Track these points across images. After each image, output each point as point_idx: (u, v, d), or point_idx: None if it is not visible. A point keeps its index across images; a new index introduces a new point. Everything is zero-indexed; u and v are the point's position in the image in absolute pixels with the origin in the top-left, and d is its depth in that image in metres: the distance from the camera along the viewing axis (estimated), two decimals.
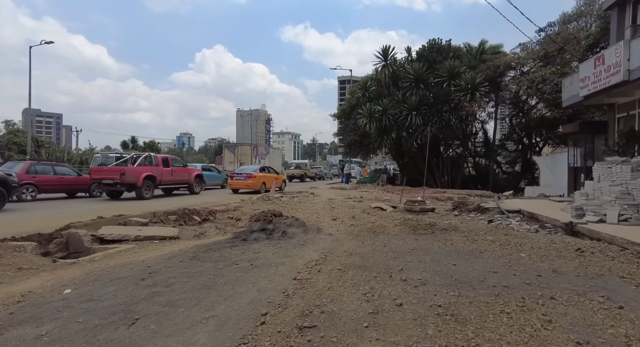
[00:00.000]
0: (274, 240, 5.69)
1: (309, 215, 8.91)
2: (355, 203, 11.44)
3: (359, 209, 10.13)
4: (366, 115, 19.58)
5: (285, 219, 7.08)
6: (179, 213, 8.12)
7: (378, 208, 10.65)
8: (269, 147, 26.13)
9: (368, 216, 9.04)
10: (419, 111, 19.29)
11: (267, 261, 4.36)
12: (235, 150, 22.70)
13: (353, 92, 23.32)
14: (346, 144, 23.35)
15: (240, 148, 22.83)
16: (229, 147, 23.16)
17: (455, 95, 18.65)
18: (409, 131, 19.64)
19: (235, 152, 22.65)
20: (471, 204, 10.46)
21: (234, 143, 22.92)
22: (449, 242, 5.43)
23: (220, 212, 9.43)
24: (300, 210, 9.72)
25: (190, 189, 14.46)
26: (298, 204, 11.03)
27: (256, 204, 11.27)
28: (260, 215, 7.89)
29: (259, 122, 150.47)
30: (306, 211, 9.64)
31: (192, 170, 14.49)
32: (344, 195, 14.06)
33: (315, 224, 7.51)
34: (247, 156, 22.26)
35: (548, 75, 15.88)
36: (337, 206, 10.48)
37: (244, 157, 22.06)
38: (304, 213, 9.24)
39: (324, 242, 5.60)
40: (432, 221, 7.37)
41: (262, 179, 14.99)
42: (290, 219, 7.13)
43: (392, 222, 7.36)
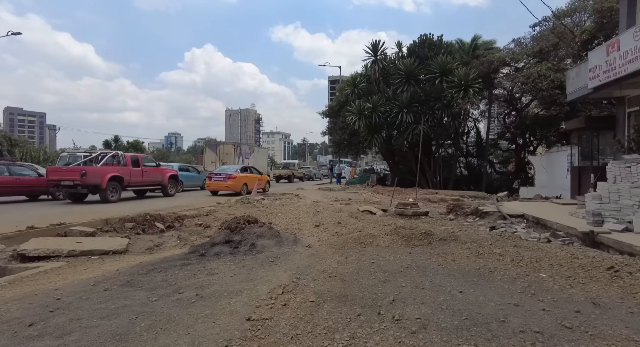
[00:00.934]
0: (238, 255, 4.70)
1: (289, 221, 7.94)
2: (342, 206, 10.51)
3: (346, 213, 9.20)
4: (355, 113, 18.68)
5: (258, 228, 6.09)
6: (139, 220, 7.05)
7: (367, 212, 9.74)
8: (253, 146, 24.89)
9: (356, 221, 8.11)
10: (410, 108, 18.47)
11: (221, 287, 3.37)
12: (217, 150, 21.48)
13: (342, 89, 22.40)
14: (335, 143, 22.42)
15: (223, 147, 21.61)
16: (210, 146, 21.89)
17: (448, 92, 17.89)
18: (400, 129, 18.80)
19: (217, 151, 21.43)
20: (467, 207, 9.62)
21: (216, 142, 21.67)
22: (449, 256, 4.51)
23: (190, 218, 8.38)
24: (281, 215, 8.74)
25: (163, 191, 13.31)
26: (280, 207, 10.04)
27: (233, 207, 10.25)
28: (231, 222, 6.89)
29: (248, 121, 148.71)
30: (287, 215, 8.67)
31: (165, 171, 13.35)
32: (331, 197, 13.13)
33: (293, 233, 6.54)
34: (229, 156, 21.09)
35: (544, 71, 15.21)
36: (322, 210, 9.53)
37: (226, 157, 20.86)
38: (284, 218, 8.27)
39: (299, 257, 4.63)
40: (427, 228, 6.46)
41: (244, 179, 13.94)
42: (262, 227, 6.14)
43: (382, 230, 6.42)
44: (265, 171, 25.24)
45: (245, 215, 7.46)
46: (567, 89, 9.49)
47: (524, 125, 18.02)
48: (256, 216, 8.34)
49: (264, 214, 8.79)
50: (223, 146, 21.70)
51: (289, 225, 7.41)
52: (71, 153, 13.66)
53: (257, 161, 24.08)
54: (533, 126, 17.97)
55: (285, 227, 7.16)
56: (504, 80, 18.70)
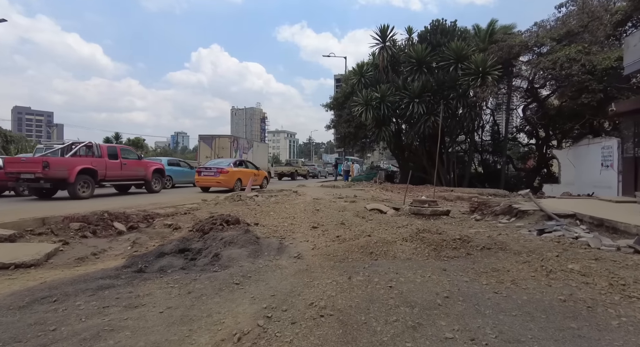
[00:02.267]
0: (192, 272, 3.24)
1: (281, 221, 6.49)
2: (346, 204, 9.02)
3: (351, 212, 7.72)
4: (362, 103, 17.16)
5: (231, 231, 4.63)
6: (92, 219, 5.64)
7: (376, 210, 8.25)
8: (252, 140, 23.41)
9: (363, 221, 6.64)
10: (421, 99, 16.90)
11: (126, 342, 1.91)
12: (213, 143, 19.99)
13: (347, 79, 20.88)
14: (340, 137, 20.93)
15: (218, 140, 20.08)
16: (205, 139, 20.37)
17: (464, 80, 16.29)
18: (411, 122, 17.26)
19: (212, 145, 19.95)
20: (495, 204, 8.07)
21: (211, 135, 20.27)
22: (505, 276, 3.02)
23: (162, 217, 6.96)
24: (273, 214, 7.29)
25: (147, 187, 11.94)
26: (274, 205, 8.60)
27: (220, 205, 8.83)
28: (205, 222, 5.45)
29: (254, 120, 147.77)
30: (280, 214, 7.21)
31: (149, 164, 11.96)
32: (335, 194, 11.65)
33: (282, 236, 5.08)
34: (225, 150, 19.65)
35: (573, 54, 13.56)
36: (322, 208, 8.06)
37: (222, 151, 19.41)
38: (276, 218, 6.81)
39: (280, 276, 3.16)
40: (459, 232, 4.97)
41: (237, 174, 12.51)
42: (237, 230, 4.68)
43: (398, 234, 4.94)
44: (265, 167, 23.85)
45: (225, 214, 6.02)
46: (625, 60, 7.90)
47: (546, 116, 16.33)
48: (242, 215, 6.92)
49: (252, 212, 7.35)
50: (219, 140, 20.19)
51: (280, 226, 5.96)
52: (48, 145, 12.36)
53: (256, 157, 22.64)
54: (557, 118, 16.28)
55: (274, 229, 5.70)
56: (525, 67, 17.02)
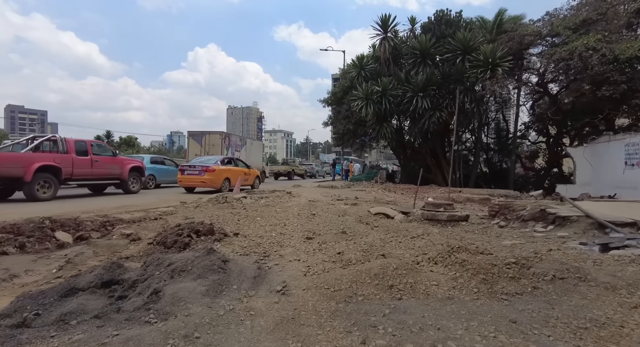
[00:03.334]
0: (111, 324, 2.03)
1: (268, 230, 5.30)
2: (347, 207, 7.84)
3: (352, 217, 6.56)
4: (362, 97, 15.99)
5: (187, 253, 3.44)
6: (26, 229, 4.42)
7: (382, 215, 7.08)
8: (246, 138, 22.10)
9: (368, 229, 5.49)
10: (426, 93, 15.77)
11: None
12: (202, 140, 18.61)
13: (346, 73, 19.69)
14: (338, 135, 19.72)
15: (208, 137, 18.67)
16: (194, 136, 18.93)
17: (471, 72, 15.19)
18: (414, 117, 16.10)
19: (202, 142, 18.58)
20: (521, 208, 6.91)
21: (200, 131, 18.96)
22: (624, 340, 1.84)
23: (126, 224, 5.75)
24: (261, 219, 6.10)
25: (123, 187, 10.68)
26: (263, 208, 7.41)
27: (201, 208, 7.62)
28: (170, 233, 4.26)
29: (250, 119, 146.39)
30: (269, 221, 6.02)
31: (125, 162, 10.70)
32: (333, 195, 10.47)
33: (264, 254, 3.89)
34: (216, 147, 18.27)
35: (593, 43, 12.45)
36: (319, 212, 6.88)
37: (212, 149, 18.06)
38: (262, 226, 5.62)
39: (249, 336, 1.96)
40: (496, 246, 3.81)
41: (225, 173, 11.29)
42: (196, 251, 3.45)
43: (418, 250, 3.80)
44: (260, 166, 22.62)
45: (198, 222, 4.83)
46: None
47: (560, 112, 15.22)
48: (222, 222, 5.73)
49: (236, 218, 6.16)
50: (209, 136, 18.82)
51: (266, 237, 4.76)
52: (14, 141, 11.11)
53: (250, 155, 21.36)
54: (571, 113, 15.18)
55: (258, 241, 4.51)
56: (537, 59, 15.91)
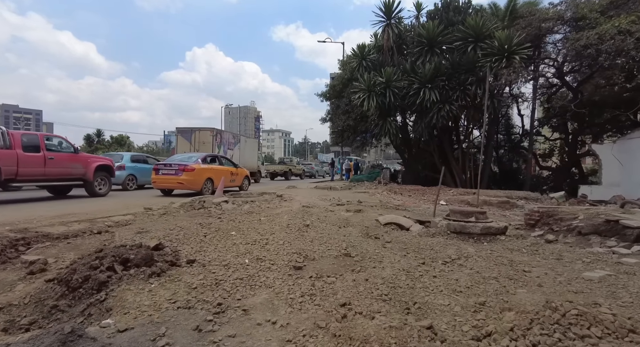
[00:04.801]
0: None
1: (241, 252, 3.81)
2: (350, 214, 6.34)
3: (357, 230, 5.10)
4: (364, 89, 14.48)
5: None
6: None
7: (394, 225, 5.59)
8: (239, 135, 20.51)
9: (380, 249, 4.04)
10: (434, 84, 14.29)
11: None
12: (192, 137, 16.98)
13: (346, 64, 18.18)
14: (337, 131, 18.20)
15: (198, 134, 16.99)
16: (183, 132, 17.21)
17: (485, 61, 13.70)
18: (421, 110, 14.61)
19: (192, 139, 16.94)
20: (571, 216, 5.41)
21: (190, 128, 17.41)
22: None
23: (51, 242, 4.23)
24: (236, 234, 4.60)
25: (87, 189, 9.15)
26: (244, 217, 5.90)
27: (166, 217, 6.10)
28: (80, 265, 2.74)
29: (248, 119, 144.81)
30: (247, 236, 4.53)
31: (90, 160, 9.16)
32: (332, 198, 8.96)
33: (219, 307, 2.37)
34: (207, 145, 16.62)
35: (626, 26, 11.00)
36: (315, 222, 5.41)
37: (203, 147, 16.45)
38: (235, 244, 4.13)
39: None
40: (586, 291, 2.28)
41: (207, 173, 9.72)
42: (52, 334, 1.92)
43: (481, 306, 2.25)
44: (255, 166, 21.09)
45: (133, 245, 3.31)
46: None
47: (582, 105, 13.75)
48: (182, 238, 4.24)
49: (203, 231, 4.64)
50: (199, 133, 17.17)
51: (234, 267, 3.26)
52: None
53: (244, 153, 19.82)
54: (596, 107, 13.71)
55: (220, 274, 3.00)
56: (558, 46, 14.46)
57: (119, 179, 12.35)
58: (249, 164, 19.95)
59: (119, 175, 12.30)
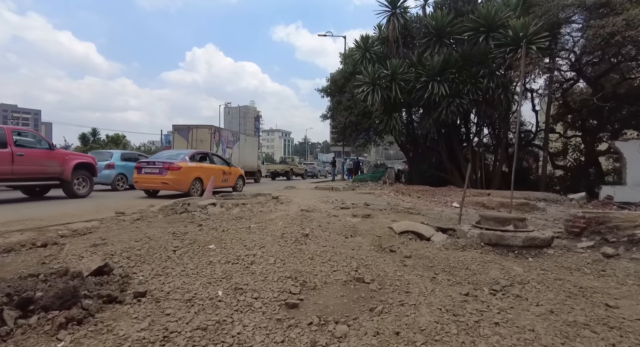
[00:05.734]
0: None
1: (216, 278, 2.82)
2: (357, 220, 5.35)
3: (368, 241, 4.15)
4: (368, 82, 13.51)
5: None
6: None
7: (411, 235, 4.61)
8: (238, 133, 19.61)
9: (402, 270, 3.07)
10: (443, 77, 13.32)
11: None
12: (189, 135, 16.03)
13: (348, 57, 17.19)
14: (339, 129, 17.20)
15: (195, 132, 16.03)
16: (179, 130, 16.29)
17: (498, 52, 12.76)
18: (428, 105, 13.63)
19: (189, 137, 16.01)
20: (629, 224, 4.43)
21: (187, 125, 16.49)
22: None
23: None
24: (213, 250, 3.65)
25: (65, 189, 8.20)
26: (230, 224, 4.94)
27: (138, 224, 5.11)
28: None
29: (247, 118, 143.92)
30: (228, 252, 3.57)
31: (68, 157, 8.18)
32: (335, 200, 7.97)
33: None
34: (205, 143, 15.71)
35: None
36: (316, 231, 4.44)
37: (200, 144, 15.55)
38: (209, 265, 3.14)
39: None
40: None
41: (195, 172, 8.70)
42: None
43: None
44: (255, 165, 20.18)
45: (42, 275, 2.32)
46: None
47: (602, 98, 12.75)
48: (143, 255, 3.25)
49: (175, 244, 3.66)
50: (196, 131, 16.20)
51: (200, 304, 2.27)
52: None
53: (244, 152, 18.93)
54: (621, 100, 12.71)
55: (177, 319, 2.00)
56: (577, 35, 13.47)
57: (108, 179, 11.47)
58: (249, 164, 19.23)
59: (107, 174, 11.44)
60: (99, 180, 11.82)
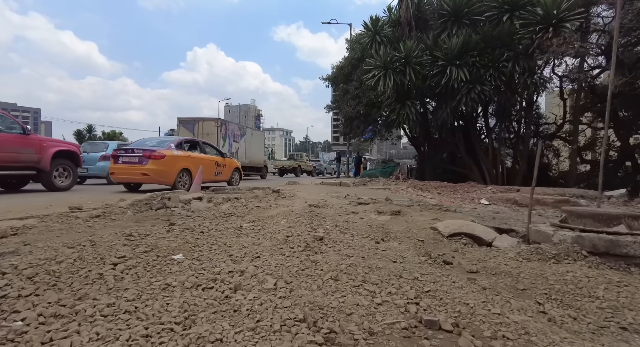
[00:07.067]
0: None
1: (174, 318, 1.48)
2: (385, 219, 4.02)
3: (409, 247, 2.79)
4: (379, 66, 12.17)
5: None
6: None
7: (464, 238, 3.30)
8: (245, 127, 18.56)
9: (501, 306, 1.64)
10: (462, 61, 11.98)
11: None
12: (195, 128, 15.17)
13: (355, 42, 15.82)
14: (346, 119, 15.84)
15: (202, 125, 15.23)
16: (185, 123, 15.44)
17: (525, 31, 11.42)
18: (445, 92, 12.30)
19: (195, 130, 15.13)
20: None
21: (193, 118, 15.59)
22: None
23: None
24: (183, 261, 2.29)
25: (43, 181, 7.02)
26: (217, 222, 3.66)
27: (92, 222, 3.80)
28: None
29: (248, 117, 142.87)
30: (202, 267, 2.21)
31: (45, 144, 6.85)
32: (347, 195, 6.65)
33: None
34: (211, 136, 14.89)
35: None
36: (332, 233, 3.10)
37: (206, 138, 14.54)
38: (171, 287, 1.80)
39: None
40: None
41: (182, 162, 7.27)
42: None
43: None
44: (261, 161, 19.26)
45: None
46: None
47: None
48: (52, 277, 1.89)
49: (123, 252, 2.34)
50: (202, 123, 15.36)
51: None
52: None
53: (250, 147, 18.14)
54: None
55: None
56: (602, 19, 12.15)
57: (103, 171, 10.40)
58: (255, 159, 18.61)
59: (102, 166, 10.38)
60: (93, 173, 10.78)
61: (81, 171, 11.20)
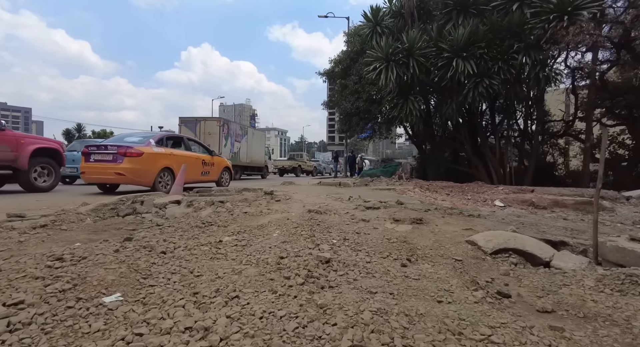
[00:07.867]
0: None
1: None
2: (405, 229, 3.18)
3: (448, 273, 1.92)
4: (381, 58, 11.37)
5: None
6: None
7: (513, 255, 2.47)
8: (246, 127, 18.28)
9: None
10: (469, 53, 11.22)
11: None
12: (197, 128, 14.84)
13: (354, 34, 15.01)
14: (345, 116, 15.00)
15: (204, 124, 14.92)
16: (186, 123, 15.16)
17: (537, 21, 10.68)
18: (451, 86, 11.54)
19: (197, 129, 14.78)
20: None
21: (194, 118, 15.36)
22: None
23: None
24: (110, 316, 1.42)
25: (20, 181, 6.33)
26: (190, 235, 2.77)
27: (29, 236, 2.94)
28: None
29: (243, 117, 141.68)
30: (138, 329, 1.34)
31: (23, 140, 6.16)
32: (350, 198, 5.82)
33: None
34: (213, 135, 14.64)
35: None
36: (341, 251, 2.23)
37: (209, 137, 14.39)
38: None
39: None
40: None
41: (162, 161, 6.37)
42: None
43: None
44: (262, 160, 19.08)
45: None
46: None
47: None
48: None
49: (18, 296, 1.49)
50: (204, 123, 15.02)
51: None
52: None
53: (252, 146, 17.87)
54: None
55: None
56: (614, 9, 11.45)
57: None
58: (256, 158, 18.39)
59: None
60: None
61: (70, 171, 10.30)
